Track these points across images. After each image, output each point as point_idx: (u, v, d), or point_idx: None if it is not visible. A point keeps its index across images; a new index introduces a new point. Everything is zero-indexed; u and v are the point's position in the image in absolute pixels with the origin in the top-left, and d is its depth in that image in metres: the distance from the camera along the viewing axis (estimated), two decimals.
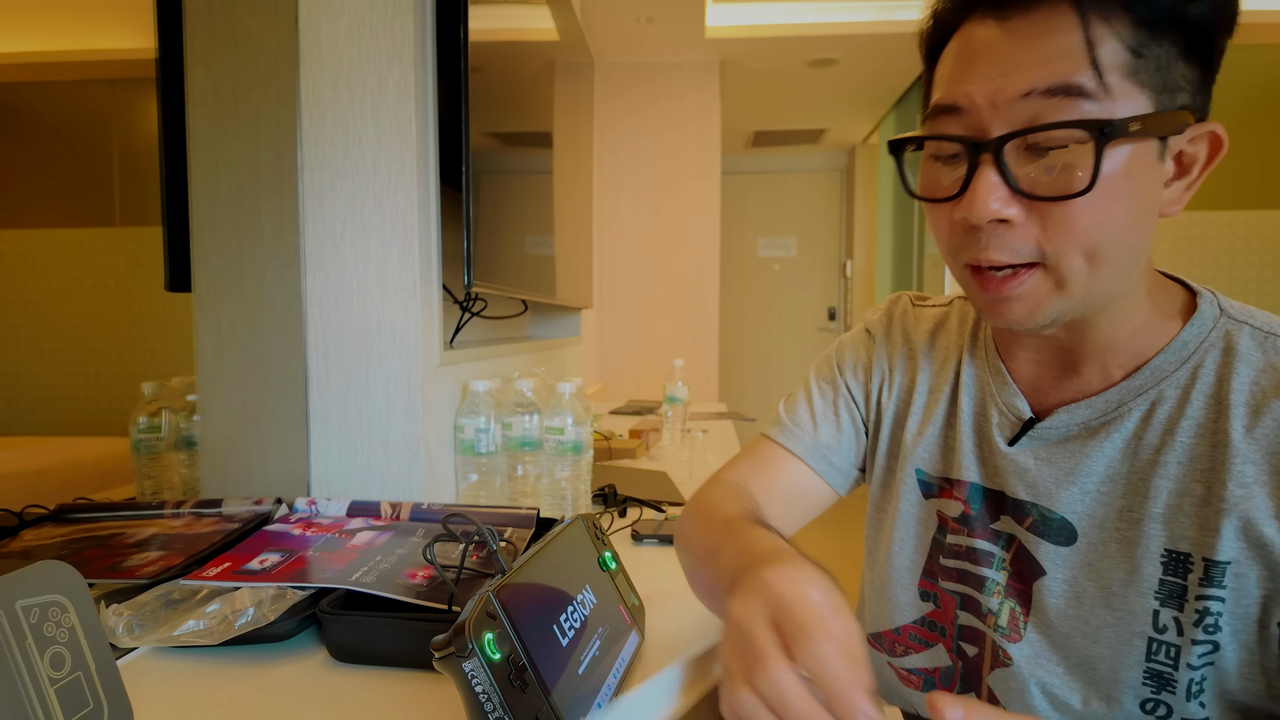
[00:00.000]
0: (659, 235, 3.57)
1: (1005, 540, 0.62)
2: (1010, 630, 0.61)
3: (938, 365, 0.71)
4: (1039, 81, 0.47)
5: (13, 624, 0.44)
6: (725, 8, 3.26)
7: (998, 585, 0.62)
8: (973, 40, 0.51)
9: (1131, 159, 0.48)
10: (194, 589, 0.71)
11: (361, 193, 0.96)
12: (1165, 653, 0.54)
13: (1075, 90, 0.47)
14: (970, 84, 0.50)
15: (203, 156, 0.95)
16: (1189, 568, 0.53)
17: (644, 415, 2.26)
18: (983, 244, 0.52)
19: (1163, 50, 0.47)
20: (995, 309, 0.54)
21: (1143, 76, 0.47)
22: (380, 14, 0.94)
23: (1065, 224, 0.49)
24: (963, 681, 0.66)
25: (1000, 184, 0.49)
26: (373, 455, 0.98)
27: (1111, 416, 0.57)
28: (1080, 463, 0.58)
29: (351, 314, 0.97)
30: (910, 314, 0.75)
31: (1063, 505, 0.58)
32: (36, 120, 1.62)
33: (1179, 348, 0.56)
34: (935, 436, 0.69)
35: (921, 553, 0.69)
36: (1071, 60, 0.47)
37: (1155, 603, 0.54)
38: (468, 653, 0.43)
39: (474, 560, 0.73)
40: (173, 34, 0.96)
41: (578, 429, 1.06)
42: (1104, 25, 0.47)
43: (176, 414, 1.11)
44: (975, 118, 0.50)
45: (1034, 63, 0.48)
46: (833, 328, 5.62)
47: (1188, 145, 0.51)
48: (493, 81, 1.15)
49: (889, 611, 0.71)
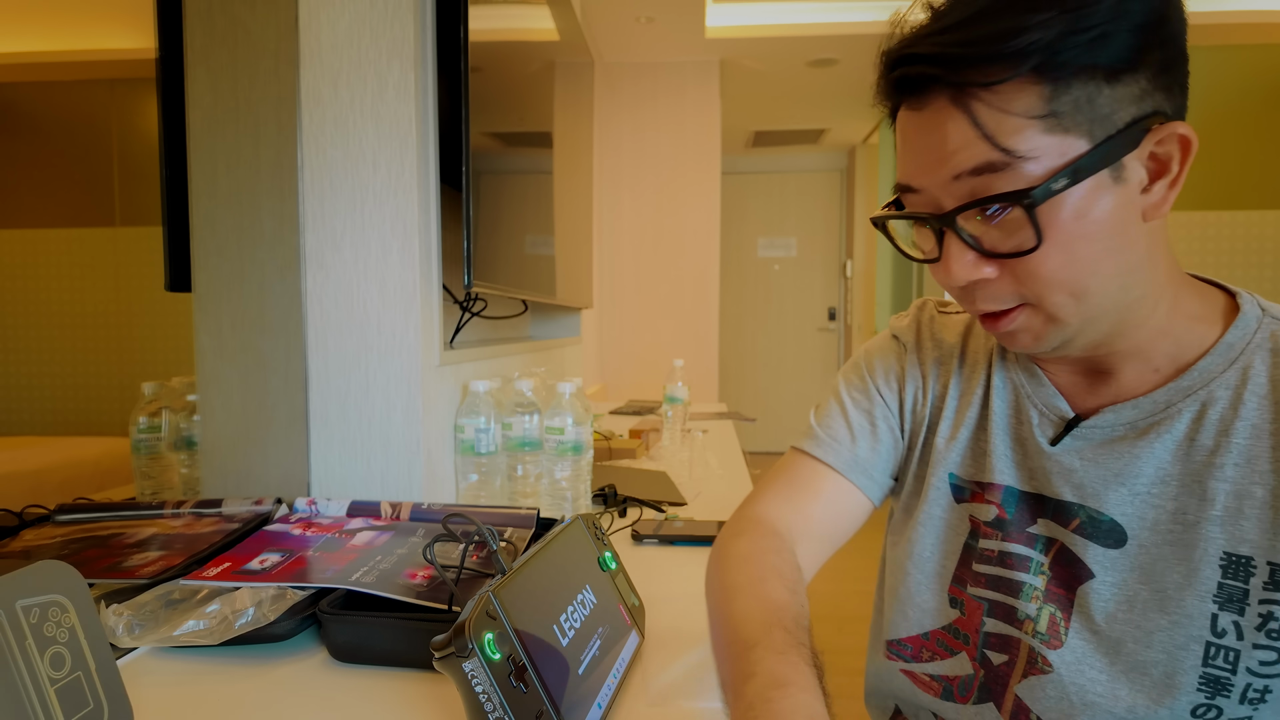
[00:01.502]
0: (659, 235, 3.57)
1: (1044, 544, 0.61)
2: (1050, 636, 0.60)
3: (969, 370, 0.71)
4: (961, 166, 0.50)
5: (13, 624, 0.44)
6: (725, 8, 3.26)
7: (1036, 590, 0.61)
8: (904, 128, 0.55)
9: (1080, 200, 0.49)
10: (194, 589, 0.71)
11: (361, 193, 0.96)
12: (1224, 657, 0.53)
13: (995, 166, 0.49)
14: (914, 170, 0.54)
15: (203, 156, 0.95)
16: (1251, 571, 0.52)
17: (644, 415, 2.26)
18: (970, 298, 0.56)
19: (1079, 93, 0.48)
20: (1005, 339, 0.58)
21: (1065, 123, 0.48)
22: (380, 14, 0.94)
23: (1034, 274, 0.52)
24: (982, 691, 0.65)
25: (965, 249, 0.53)
26: (373, 455, 0.98)
27: (1160, 417, 0.57)
28: (1129, 464, 0.57)
29: (351, 314, 0.97)
30: (938, 320, 0.75)
31: (1111, 507, 0.58)
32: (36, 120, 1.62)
33: (1225, 349, 0.56)
34: (967, 440, 0.68)
35: (952, 558, 0.67)
36: (975, 145, 0.49)
37: (1214, 606, 0.53)
38: (468, 653, 0.43)
39: (474, 560, 0.73)
40: (173, 34, 0.96)
41: (578, 429, 1.06)
42: (994, 112, 0.48)
43: (176, 414, 1.11)
44: (929, 195, 0.54)
45: (949, 153, 0.51)
46: (832, 328, 5.62)
47: (1156, 148, 0.51)
48: (493, 81, 1.15)
49: (915, 617, 0.69)
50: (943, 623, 0.68)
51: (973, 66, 0.48)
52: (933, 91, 0.51)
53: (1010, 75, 0.47)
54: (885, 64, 0.54)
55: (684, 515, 1.13)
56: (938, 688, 0.68)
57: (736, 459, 1.61)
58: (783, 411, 5.69)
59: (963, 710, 0.66)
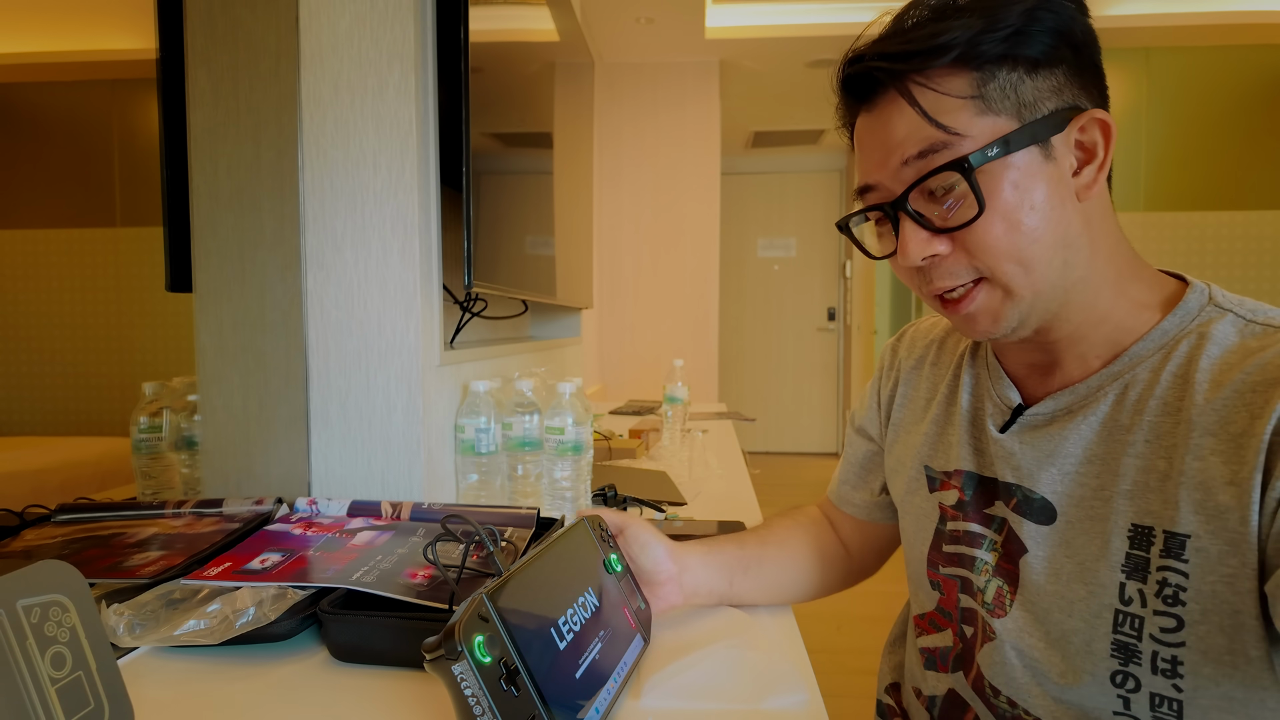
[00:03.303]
0: (659, 235, 3.57)
1: (997, 524, 0.66)
2: (996, 606, 0.65)
3: (942, 369, 0.77)
4: (908, 151, 0.57)
5: (14, 624, 0.44)
6: (725, 8, 3.26)
7: (986, 564, 0.66)
8: (860, 134, 0.63)
9: (1015, 173, 0.55)
10: (195, 589, 0.71)
11: (362, 193, 0.96)
12: (1130, 624, 0.56)
13: (936, 147, 0.56)
14: (869, 168, 0.61)
15: (203, 157, 0.95)
16: (1151, 540, 0.55)
17: (644, 415, 2.26)
18: (928, 278, 0.61)
19: (1004, 80, 0.55)
20: (965, 326, 0.62)
21: (995, 106, 0.55)
22: (381, 15, 0.94)
23: (982, 243, 0.57)
24: (956, 660, 0.70)
25: (918, 229, 0.59)
26: (373, 455, 0.98)
27: (1089, 400, 0.61)
28: (1059, 445, 0.61)
29: (352, 314, 0.97)
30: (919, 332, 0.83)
31: (1043, 486, 0.62)
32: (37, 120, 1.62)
33: (1159, 335, 0.59)
34: (938, 433, 0.74)
35: (926, 544, 0.73)
36: (918, 129, 0.57)
37: (1122, 575, 0.56)
38: (457, 655, 0.43)
39: (475, 560, 0.74)
40: (173, 34, 0.96)
41: (578, 429, 1.06)
42: (929, 93, 0.56)
43: (177, 414, 1.11)
44: (884, 189, 0.60)
45: (899, 141, 0.58)
46: (832, 328, 5.62)
47: (1080, 135, 0.57)
48: (493, 82, 1.15)
49: (919, 599, 0.76)
50: (931, 606, 0.74)
51: (908, 60, 0.56)
52: (880, 89, 0.59)
53: (939, 62, 0.55)
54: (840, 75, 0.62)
55: (684, 515, 1.13)
56: (923, 659, 0.75)
57: (736, 459, 1.61)
58: (782, 411, 5.70)
59: (941, 679, 0.72)
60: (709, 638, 0.68)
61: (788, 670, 0.61)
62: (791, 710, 0.57)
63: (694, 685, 0.60)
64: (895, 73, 0.57)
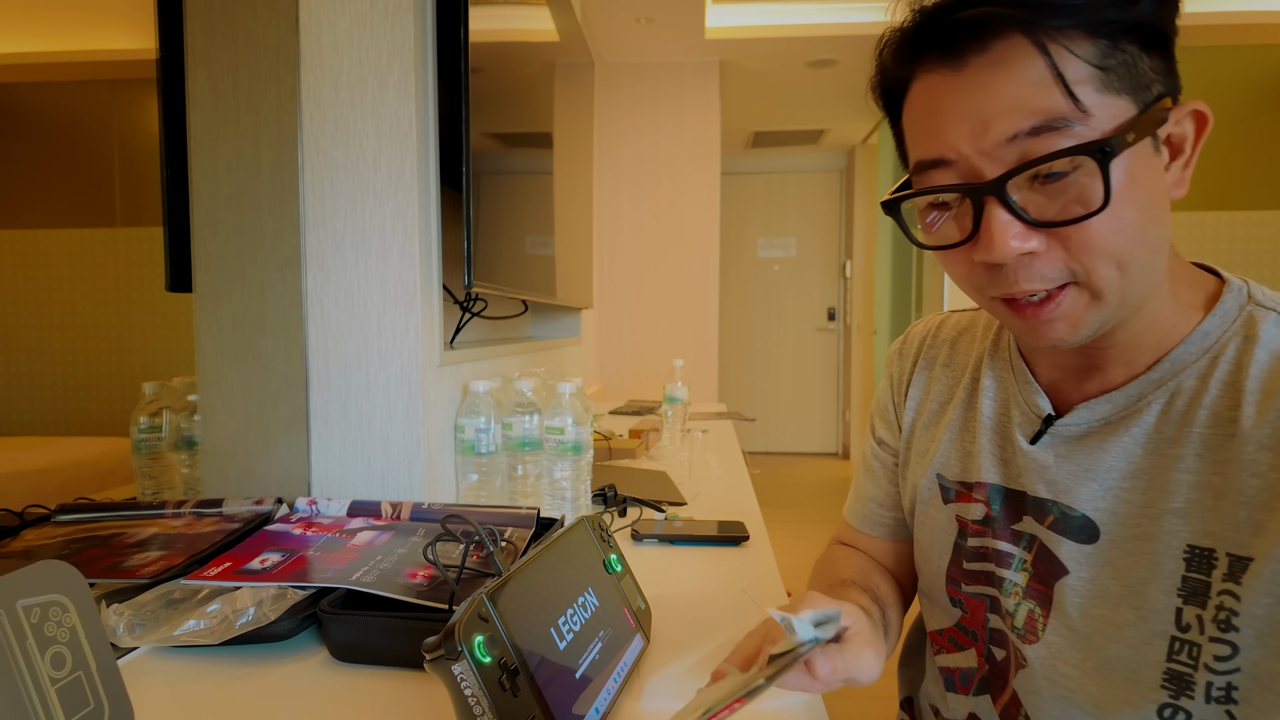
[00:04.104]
0: (659, 235, 3.57)
1: (1027, 541, 0.62)
2: (1026, 632, 0.60)
3: (956, 371, 0.72)
4: (1022, 123, 0.47)
5: (13, 624, 0.44)
6: (725, 8, 3.26)
7: (1016, 586, 0.62)
8: (936, 92, 0.51)
9: (1132, 164, 0.48)
10: (195, 589, 0.71)
11: (362, 193, 0.96)
12: (1188, 652, 0.52)
13: (1055, 124, 0.47)
14: (951, 137, 0.50)
15: (203, 157, 0.95)
16: (1213, 563, 0.51)
17: (644, 415, 2.26)
18: (1011, 278, 0.52)
19: (1126, 54, 0.48)
20: (1036, 332, 0.54)
21: (1115, 84, 0.47)
22: (381, 15, 0.94)
23: (1087, 242, 0.49)
24: (981, 684, 0.66)
25: (1012, 220, 0.49)
26: (373, 455, 0.98)
27: (1131, 410, 0.56)
28: (1099, 459, 0.57)
29: (352, 314, 0.97)
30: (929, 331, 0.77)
31: (1082, 502, 0.58)
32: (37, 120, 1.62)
33: (1200, 337, 0.55)
34: (953, 441, 0.69)
35: (944, 559, 0.69)
36: (1045, 94, 0.47)
37: (1178, 600, 0.53)
38: (456, 655, 0.43)
39: (475, 560, 0.74)
40: (173, 34, 0.96)
41: (578, 429, 1.06)
42: (1063, 50, 0.47)
43: (177, 414, 1.11)
44: (965, 165, 0.50)
45: (1009, 106, 0.48)
46: (832, 328, 5.62)
47: (1174, 128, 0.51)
48: (493, 82, 1.15)
49: (935, 615, 0.71)
50: (951, 622, 0.69)
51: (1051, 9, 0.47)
52: (988, 40, 0.48)
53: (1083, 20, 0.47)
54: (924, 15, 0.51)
55: (684, 515, 1.13)
56: (943, 679, 0.70)
57: (736, 459, 1.61)
58: (782, 411, 5.70)
59: (962, 701, 0.68)
60: (709, 638, 0.68)
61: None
62: (791, 710, 0.57)
63: (693, 685, 0.60)
64: (1027, 21, 0.47)
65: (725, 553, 0.96)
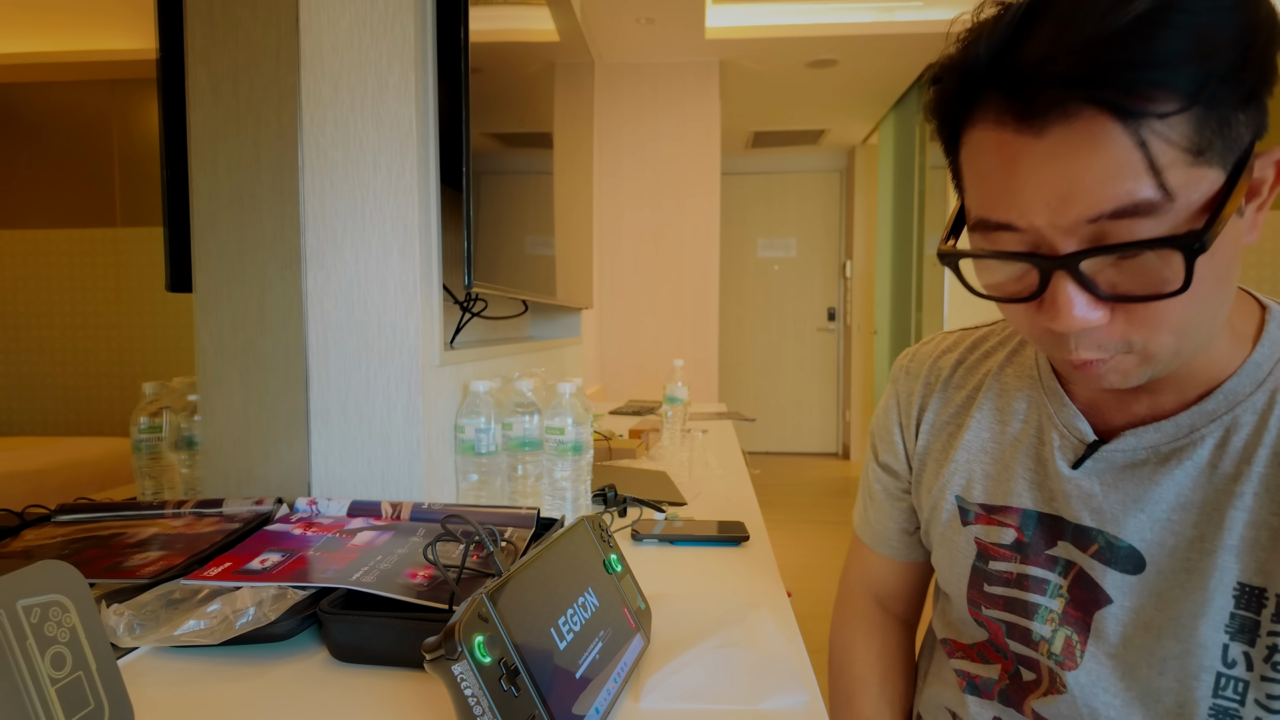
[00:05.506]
0: (659, 235, 3.57)
1: (1063, 567, 0.60)
2: (1065, 658, 0.60)
3: (969, 390, 0.71)
4: (1104, 206, 0.43)
5: (14, 624, 0.44)
6: (725, 8, 3.26)
7: (1051, 613, 0.61)
8: (1009, 152, 0.46)
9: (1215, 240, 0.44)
10: (195, 589, 0.71)
11: (362, 193, 0.96)
12: (1234, 689, 0.52)
13: (1141, 209, 0.43)
14: (1025, 207, 0.46)
15: (204, 157, 0.95)
16: (1264, 603, 0.51)
17: (644, 415, 2.26)
18: (1070, 346, 0.50)
19: (1220, 118, 0.42)
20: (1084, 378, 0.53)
21: (1207, 156, 0.43)
22: (381, 15, 0.94)
23: (1154, 318, 0.47)
24: (1001, 697, 0.66)
25: (1080, 292, 0.46)
26: (373, 455, 0.98)
27: (1184, 442, 0.55)
28: (1149, 490, 0.56)
29: (352, 314, 0.97)
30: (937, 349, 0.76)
31: (1130, 533, 0.57)
32: (37, 120, 1.62)
33: (1252, 369, 0.54)
34: (974, 461, 0.68)
35: (964, 582, 0.68)
36: (1132, 179, 0.42)
37: (1225, 636, 0.52)
38: (457, 655, 0.43)
39: (475, 560, 0.74)
40: (173, 34, 0.96)
41: (578, 429, 1.06)
42: (1157, 138, 0.42)
43: (177, 414, 1.11)
44: (1037, 237, 0.47)
45: (1092, 185, 0.43)
46: (832, 328, 5.62)
47: (1257, 174, 0.47)
48: (493, 82, 1.15)
49: (962, 629, 0.71)
50: (979, 639, 0.69)
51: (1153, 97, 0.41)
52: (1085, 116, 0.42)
53: (1186, 106, 0.41)
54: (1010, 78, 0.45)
55: (684, 515, 1.13)
56: (961, 682, 0.70)
57: (736, 459, 1.61)
58: (782, 411, 5.70)
59: (984, 705, 0.67)
60: (709, 637, 0.68)
61: (787, 670, 0.61)
62: (791, 710, 0.57)
63: (693, 685, 0.60)
64: (1125, 112, 0.41)
65: (725, 553, 0.96)
